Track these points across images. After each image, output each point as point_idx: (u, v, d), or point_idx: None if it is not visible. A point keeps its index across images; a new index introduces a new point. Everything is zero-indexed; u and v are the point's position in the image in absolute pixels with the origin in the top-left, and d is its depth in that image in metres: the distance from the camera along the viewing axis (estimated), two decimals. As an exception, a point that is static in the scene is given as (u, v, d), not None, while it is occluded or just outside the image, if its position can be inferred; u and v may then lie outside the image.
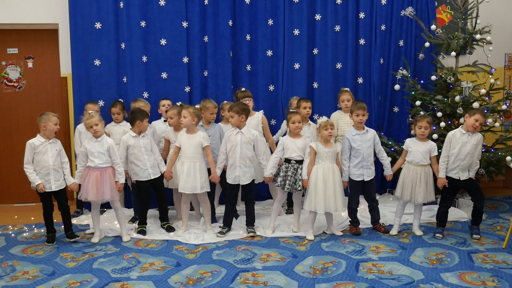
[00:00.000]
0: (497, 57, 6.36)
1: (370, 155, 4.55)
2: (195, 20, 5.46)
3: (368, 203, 4.70)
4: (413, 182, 4.48)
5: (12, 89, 5.82)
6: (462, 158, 4.34)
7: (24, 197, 5.84)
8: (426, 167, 4.49)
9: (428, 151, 4.49)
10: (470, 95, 5.28)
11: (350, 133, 4.60)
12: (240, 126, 4.54)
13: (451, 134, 4.44)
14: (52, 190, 4.30)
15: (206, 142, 4.55)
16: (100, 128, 4.37)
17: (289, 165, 4.50)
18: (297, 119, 4.49)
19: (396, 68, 5.89)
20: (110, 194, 4.36)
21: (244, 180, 4.52)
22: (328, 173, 4.39)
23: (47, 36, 5.75)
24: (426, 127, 4.47)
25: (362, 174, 4.56)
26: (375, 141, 4.60)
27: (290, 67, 5.77)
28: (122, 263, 3.90)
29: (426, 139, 4.55)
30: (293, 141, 4.51)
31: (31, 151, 4.22)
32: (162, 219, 4.80)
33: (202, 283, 3.50)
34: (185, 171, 4.49)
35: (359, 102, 4.67)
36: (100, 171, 4.33)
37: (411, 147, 4.55)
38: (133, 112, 4.64)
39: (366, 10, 5.88)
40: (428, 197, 4.49)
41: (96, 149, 4.33)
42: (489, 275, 3.58)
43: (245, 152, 4.50)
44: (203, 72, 5.56)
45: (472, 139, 4.33)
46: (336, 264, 3.85)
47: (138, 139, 4.56)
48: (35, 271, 3.77)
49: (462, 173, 4.37)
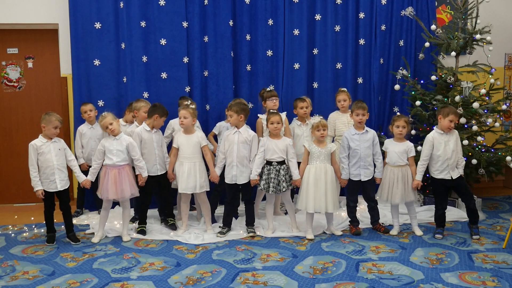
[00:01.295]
0: (497, 57, 6.36)
1: (368, 155, 4.54)
2: (195, 20, 5.46)
3: (367, 203, 4.71)
4: (390, 182, 4.50)
5: (12, 89, 5.82)
6: (449, 157, 4.36)
7: (24, 197, 5.85)
8: (403, 168, 4.50)
9: (404, 152, 4.50)
10: (470, 95, 5.28)
11: (349, 132, 4.60)
12: (239, 126, 4.54)
13: (431, 136, 4.44)
14: (58, 190, 4.28)
15: (204, 141, 4.57)
16: (116, 126, 4.39)
17: (270, 167, 4.49)
18: (276, 120, 4.47)
19: (396, 68, 5.88)
20: (130, 191, 4.39)
21: (241, 179, 4.52)
22: (320, 172, 4.39)
23: (47, 36, 5.75)
24: (403, 126, 4.49)
25: (359, 174, 4.55)
26: (373, 142, 4.59)
27: (290, 67, 5.77)
28: (122, 263, 3.90)
29: (403, 139, 4.56)
30: (273, 142, 4.50)
31: (34, 152, 4.21)
32: (167, 215, 4.80)
33: (202, 283, 3.50)
34: (185, 172, 4.50)
35: (360, 101, 4.67)
36: (118, 169, 4.35)
37: (388, 148, 4.56)
38: (155, 105, 4.64)
39: (366, 10, 5.88)
40: (407, 197, 4.51)
41: (114, 147, 4.35)
42: (489, 275, 3.58)
43: (242, 151, 4.50)
44: (203, 72, 5.56)
45: (452, 137, 4.40)
46: (336, 264, 3.85)
47: (152, 133, 4.58)
48: (35, 271, 3.77)
49: (453, 172, 4.40)
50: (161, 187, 4.75)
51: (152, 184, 4.64)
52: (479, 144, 5.25)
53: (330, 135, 5.22)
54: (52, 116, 4.25)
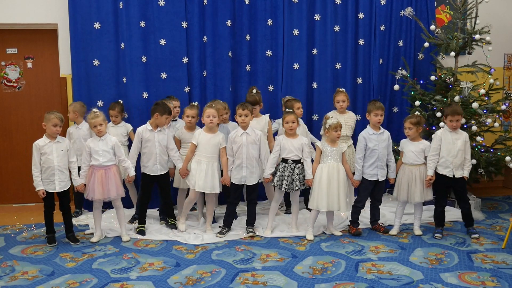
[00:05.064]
0: (497, 57, 6.36)
1: (385, 155, 4.56)
2: (195, 20, 5.45)
3: (372, 201, 4.70)
4: (408, 182, 4.50)
5: (12, 89, 5.81)
6: (454, 155, 4.37)
7: (23, 198, 5.84)
8: (421, 167, 4.51)
9: (421, 151, 4.51)
10: (470, 95, 5.29)
11: (367, 132, 4.59)
12: (246, 126, 4.54)
13: (439, 132, 4.50)
14: (53, 192, 4.29)
15: (224, 143, 4.56)
16: (104, 128, 4.38)
17: (286, 165, 4.49)
18: (291, 119, 4.47)
19: (396, 68, 5.89)
20: (116, 191, 4.38)
21: (252, 180, 4.52)
22: (333, 171, 4.40)
23: (46, 36, 5.75)
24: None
25: (377, 174, 4.56)
26: (388, 142, 4.60)
27: (289, 67, 5.77)
28: (122, 263, 3.90)
29: (419, 138, 4.57)
30: (289, 140, 4.50)
31: (37, 152, 4.21)
32: (168, 215, 4.81)
33: (201, 283, 3.50)
34: (203, 170, 4.48)
35: (377, 102, 4.68)
36: (105, 170, 4.34)
37: (404, 147, 4.57)
38: (156, 104, 4.64)
39: (366, 10, 5.88)
40: (426, 196, 4.51)
41: (100, 148, 4.34)
42: (488, 275, 3.58)
43: (252, 152, 4.50)
44: (203, 72, 5.56)
45: (461, 137, 4.41)
46: (336, 264, 3.85)
47: (154, 133, 4.57)
48: (34, 271, 3.77)
49: (456, 171, 4.41)
50: (161, 188, 4.75)
51: (151, 183, 4.63)
52: (479, 144, 5.25)
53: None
54: (52, 114, 4.25)
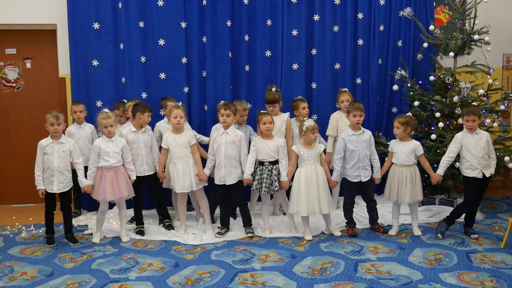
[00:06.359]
0: (495, 58, 6.36)
1: (366, 156, 4.55)
2: (194, 20, 5.45)
3: (366, 204, 4.70)
4: (399, 182, 4.49)
5: (11, 89, 5.81)
6: (480, 156, 4.30)
7: (22, 198, 5.84)
8: (411, 167, 4.50)
9: (412, 151, 4.50)
10: (469, 96, 5.29)
11: (346, 133, 4.59)
12: (229, 126, 4.54)
13: (459, 135, 4.40)
14: (54, 192, 4.28)
15: (193, 140, 4.55)
16: (114, 129, 4.39)
17: (263, 167, 4.48)
18: (268, 120, 4.47)
19: (395, 68, 5.89)
20: (127, 191, 4.39)
21: (230, 180, 4.50)
22: (311, 175, 4.37)
23: (45, 36, 5.74)
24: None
25: (359, 175, 4.55)
26: (370, 142, 4.59)
27: (288, 68, 5.77)
28: (121, 264, 3.90)
29: (409, 139, 4.56)
30: (264, 142, 4.49)
31: (40, 152, 4.23)
32: (163, 216, 4.81)
33: (200, 284, 3.50)
34: (179, 171, 4.48)
35: (356, 102, 4.66)
36: (114, 170, 4.34)
37: (394, 148, 4.56)
38: (136, 104, 4.66)
39: (365, 10, 5.88)
40: (415, 197, 4.50)
41: (111, 149, 4.34)
42: (487, 275, 3.59)
43: (230, 152, 4.49)
44: (202, 73, 5.56)
45: (482, 137, 4.34)
46: (335, 264, 3.85)
47: (138, 134, 4.57)
48: (33, 271, 3.77)
49: (485, 171, 4.33)
50: (150, 188, 4.75)
51: (139, 184, 4.62)
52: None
53: (332, 135, 5.21)
54: (48, 113, 4.25)
